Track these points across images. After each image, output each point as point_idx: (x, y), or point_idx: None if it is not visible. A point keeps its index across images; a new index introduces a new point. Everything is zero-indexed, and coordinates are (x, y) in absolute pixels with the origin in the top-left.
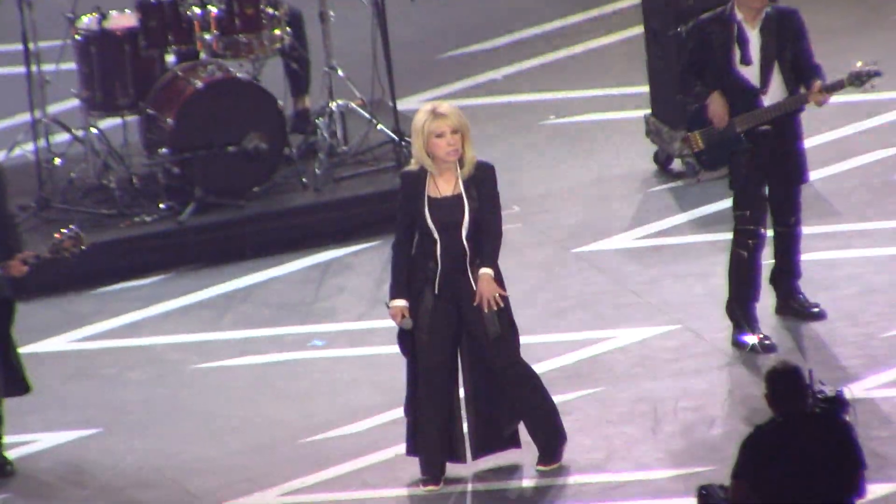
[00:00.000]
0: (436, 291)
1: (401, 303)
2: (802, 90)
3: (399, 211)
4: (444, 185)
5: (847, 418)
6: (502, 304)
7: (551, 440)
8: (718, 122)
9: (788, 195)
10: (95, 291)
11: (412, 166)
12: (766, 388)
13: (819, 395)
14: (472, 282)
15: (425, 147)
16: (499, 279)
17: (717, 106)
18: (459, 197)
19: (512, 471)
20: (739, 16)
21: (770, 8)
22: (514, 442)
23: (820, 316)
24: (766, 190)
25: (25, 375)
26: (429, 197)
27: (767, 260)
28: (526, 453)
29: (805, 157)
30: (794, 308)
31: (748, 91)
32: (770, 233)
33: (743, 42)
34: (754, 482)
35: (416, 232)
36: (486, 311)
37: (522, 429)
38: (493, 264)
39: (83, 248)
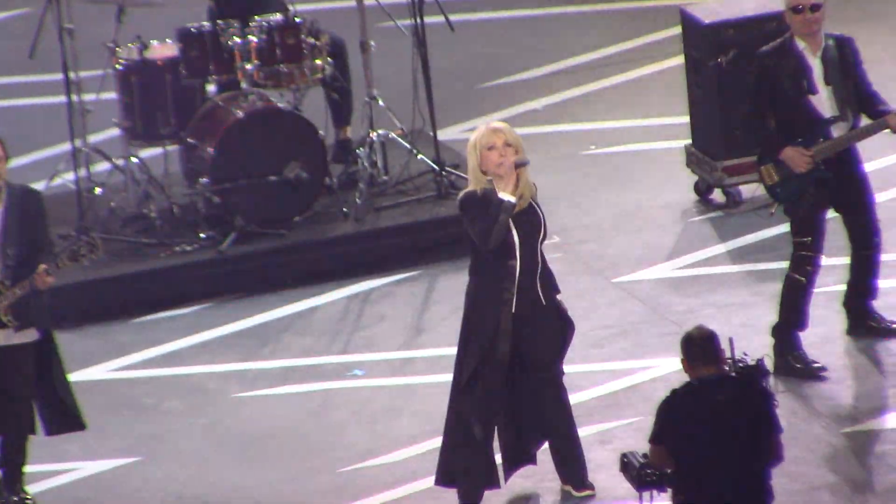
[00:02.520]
0: (513, 311)
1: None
2: (867, 121)
3: (474, 225)
4: (508, 191)
5: (766, 386)
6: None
7: (582, 464)
8: (804, 167)
9: (863, 219)
10: (136, 321)
11: (469, 189)
12: (681, 352)
13: (739, 363)
14: (542, 298)
15: (480, 163)
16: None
17: (793, 154)
18: (532, 209)
19: (546, 498)
20: (800, 45)
21: (827, 38)
22: (532, 459)
23: None
24: (826, 217)
25: (80, 412)
26: None
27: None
28: (541, 470)
29: (868, 180)
30: (872, 326)
31: (817, 121)
32: (837, 260)
33: (806, 71)
34: (671, 447)
35: (482, 254)
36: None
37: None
38: None
39: (99, 253)
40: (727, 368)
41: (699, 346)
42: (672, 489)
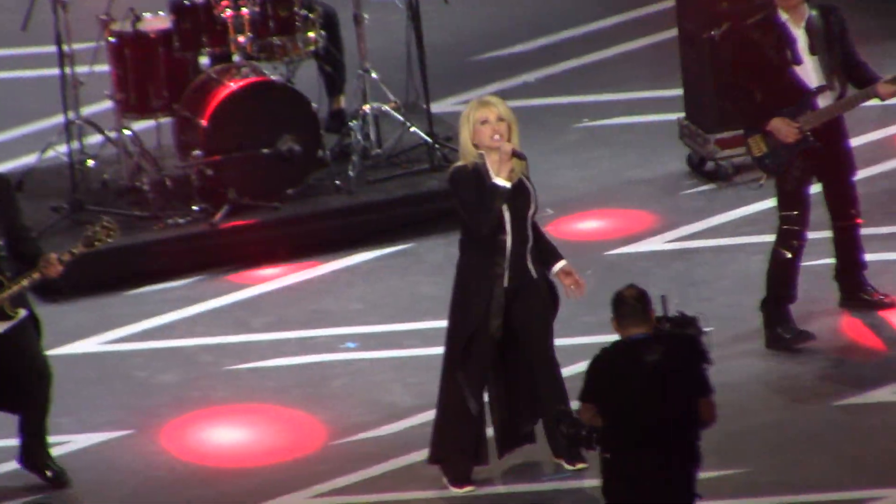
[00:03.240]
0: (505, 284)
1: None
2: (853, 91)
3: (465, 204)
4: (502, 175)
5: (699, 346)
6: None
7: None
8: (792, 137)
9: (845, 190)
10: (128, 293)
11: (459, 163)
12: (612, 311)
13: (673, 321)
14: (532, 272)
15: (472, 137)
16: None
17: (780, 125)
18: (523, 184)
19: (535, 470)
20: (784, 17)
21: (812, 8)
22: (531, 438)
23: (893, 305)
24: (810, 191)
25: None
26: None
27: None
28: (539, 451)
29: (853, 153)
30: (864, 299)
31: (804, 91)
32: (825, 234)
33: (791, 42)
34: (599, 405)
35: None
36: (578, 297)
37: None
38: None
39: (115, 235)
40: (659, 326)
41: (629, 305)
42: (600, 448)
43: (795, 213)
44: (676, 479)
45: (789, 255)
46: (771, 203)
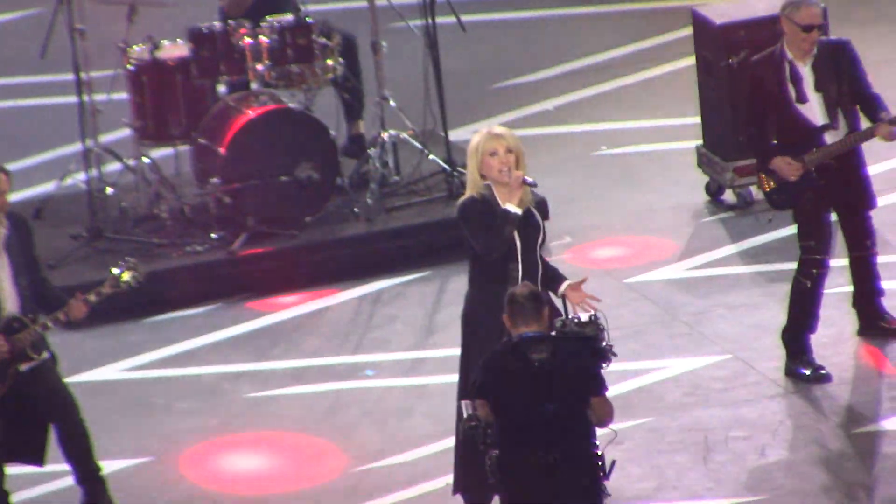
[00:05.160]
0: None
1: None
2: (868, 124)
3: (474, 232)
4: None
5: (596, 345)
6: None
7: None
8: (794, 176)
9: (860, 221)
10: (147, 321)
11: (468, 195)
12: (506, 309)
13: (574, 321)
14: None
15: (479, 168)
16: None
17: (782, 164)
18: (530, 213)
19: None
20: (790, 54)
21: (819, 43)
22: None
23: None
24: (830, 219)
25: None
26: None
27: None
28: None
29: (870, 183)
30: (883, 327)
31: (810, 129)
32: (838, 262)
33: (797, 80)
34: (491, 402)
35: (483, 259)
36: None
37: None
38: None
39: (141, 279)
40: (561, 327)
41: (520, 304)
42: (492, 445)
43: (813, 242)
44: (565, 479)
45: (809, 284)
46: (790, 231)
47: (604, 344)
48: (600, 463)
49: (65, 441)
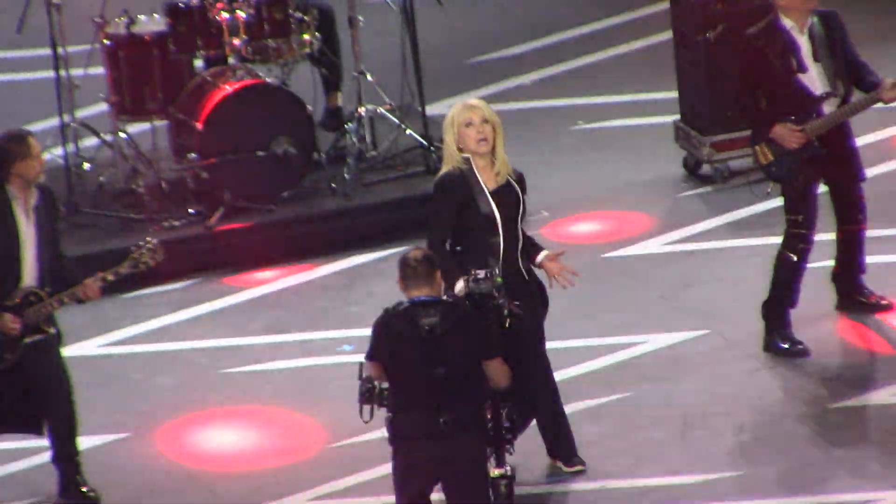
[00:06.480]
0: None
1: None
2: (859, 93)
3: (436, 215)
4: (489, 178)
5: (490, 306)
6: (574, 282)
7: (570, 440)
8: (796, 143)
9: (851, 194)
10: (124, 296)
11: (445, 169)
12: (398, 273)
13: (472, 279)
14: (524, 273)
15: (456, 141)
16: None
17: (783, 132)
18: (510, 186)
19: (535, 472)
20: (787, 24)
21: (811, 14)
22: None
23: (890, 307)
24: (817, 192)
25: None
26: (488, 188)
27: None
28: (531, 454)
29: (859, 155)
30: (861, 301)
31: (810, 98)
32: (826, 236)
33: (795, 50)
34: (384, 365)
35: (464, 234)
36: (564, 286)
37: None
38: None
39: (160, 259)
40: (464, 289)
41: (412, 267)
42: (386, 407)
43: (801, 216)
44: (457, 442)
45: (795, 259)
46: (767, 206)
47: (498, 301)
48: (498, 428)
49: (52, 418)
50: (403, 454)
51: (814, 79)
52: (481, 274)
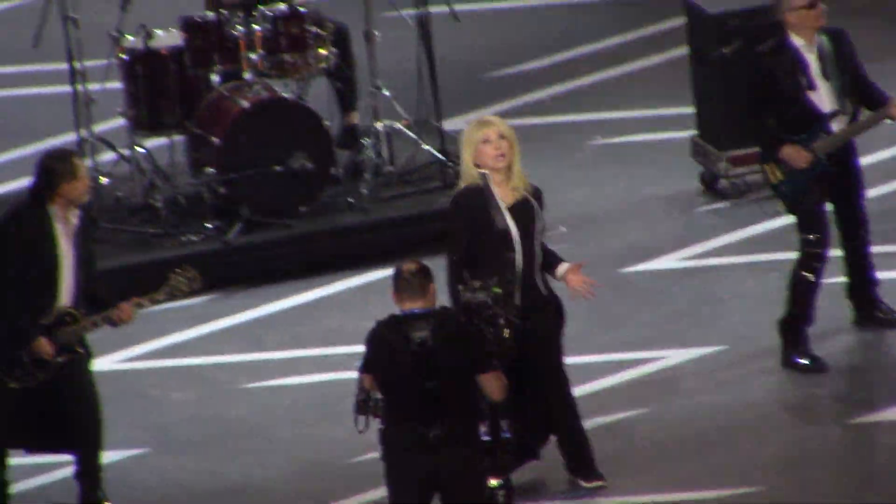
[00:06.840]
0: (517, 303)
1: None
2: (880, 109)
3: (453, 233)
4: (506, 194)
5: (489, 312)
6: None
7: (590, 455)
8: (805, 163)
9: (855, 210)
10: (142, 311)
11: (462, 186)
12: (392, 285)
13: (470, 288)
14: (542, 289)
15: (474, 158)
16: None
17: (791, 152)
18: (527, 202)
19: (555, 488)
20: (797, 42)
21: (819, 32)
22: (535, 454)
23: None
24: (826, 210)
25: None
26: (505, 203)
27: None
28: (550, 470)
29: (861, 173)
30: (878, 317)
31: (818, 116)
32: (835, 252)
33: (804, 67)
34: (377, 377)
35: (481, 249)
36: (586, 297)
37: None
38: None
39: (198, 287)
40: (466, 301)
41: (405, 279)
42: (380, 419)
43: (814, 236)
44: (449, 456)
45: (811, 277)
46: (784, 221)
47: (494, 312)
48: (497, 438)
49: (80, 436)
50: (395, 467)
51: (822, 97)
52: (477, 283)
